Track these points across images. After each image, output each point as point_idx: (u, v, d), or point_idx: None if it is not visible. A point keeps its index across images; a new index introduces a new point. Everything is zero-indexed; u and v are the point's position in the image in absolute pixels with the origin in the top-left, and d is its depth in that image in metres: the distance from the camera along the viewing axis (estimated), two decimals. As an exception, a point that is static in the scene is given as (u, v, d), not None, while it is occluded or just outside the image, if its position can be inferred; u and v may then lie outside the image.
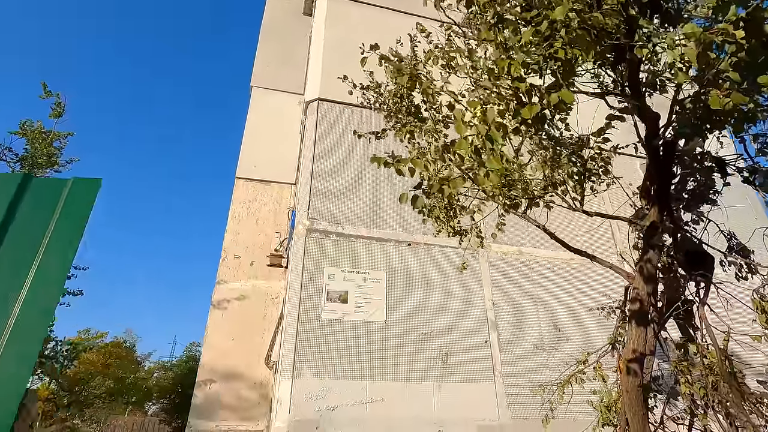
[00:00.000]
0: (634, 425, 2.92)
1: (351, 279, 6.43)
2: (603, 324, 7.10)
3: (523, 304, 7.10)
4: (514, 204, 2.69)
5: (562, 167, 2.55)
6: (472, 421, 5.89)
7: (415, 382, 5.93)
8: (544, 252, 7.80)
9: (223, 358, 8.43)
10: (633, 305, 2.80)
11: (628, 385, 2.89)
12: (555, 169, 2.58)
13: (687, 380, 2.90)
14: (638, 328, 2.82)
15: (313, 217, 6.74)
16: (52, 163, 8.39)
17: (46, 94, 8.77)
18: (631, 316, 2.84)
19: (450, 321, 6.55)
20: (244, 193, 10.27)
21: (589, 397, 4.20)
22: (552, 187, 2.67)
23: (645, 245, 2.70)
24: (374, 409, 5.63)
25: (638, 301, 2.80)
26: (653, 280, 2.78)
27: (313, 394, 5.51)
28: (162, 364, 39.15)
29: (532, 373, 6.45)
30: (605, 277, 7.84)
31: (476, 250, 7.36)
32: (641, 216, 2.83)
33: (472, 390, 6.10)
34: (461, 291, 6.88)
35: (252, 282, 9.29)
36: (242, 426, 7.99)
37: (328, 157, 7.40)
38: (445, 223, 3.63)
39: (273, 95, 11.79)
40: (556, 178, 2.64)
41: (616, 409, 3.21)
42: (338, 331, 5.98)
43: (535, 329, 6.90)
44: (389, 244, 6.91)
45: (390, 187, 7.41)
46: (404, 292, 6.57)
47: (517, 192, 2.64)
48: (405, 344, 6.17)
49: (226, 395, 8.16)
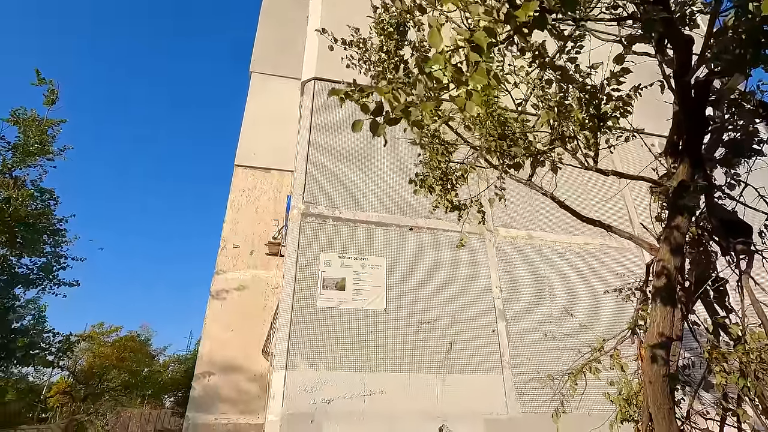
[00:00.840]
0: (659, 421, 2.50)
1: (348, 265, 6.07)
2: (621, 308, 6.62)
3: (534, 291, 6.66)
4: (515, 164, 2.28)
5: (571, 114, 2.12)
6: (478, 414, 5.51)
7: (417, 373, 5.57)
8: (556, 236, 7.32)
9: (222, 349, 8.19)
10: (658, 281, 2.37)
11: (651, 375, 2.47)
12: (563, 118, 2.16)
13: (722, 369, 2.47)
14: (664, 308, 2.39)
15: (308, 201, 6.39)
16: (45, 151, 8.19)
17: (39, 81, 8.56)
18: (656, 293, 2.41)
19: (454, 309, 6.16)
20: (243, 181, 9.98)
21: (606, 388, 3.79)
22: (560, 141, 2.25)
23: (672, 210, 2.27)
24: (373, 402, 5.29)
25: (664, 275, 2.37)
26: (681, 251, 2.35)
27: (308, 386, 5.19)
28: (176, 357, 39.58)
29: (544, 364, 6.03)
30: (622, 261, 7.35)
31: (482, 234, 6.93)
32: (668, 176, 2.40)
33: (478, 382, 5.72)
34: (467, 278, 6.47)
35: (251, 272, 9.01)
36: (242, 419, 7.75)
37: (325, 139, 7.03)
38: (441, 195, 3.23)
39: (273, 81, 11.44)
40: (564, 130, 2.23)
41: (637, 402, 2.79)
42: (335, 320, 5.64)
43: (546, 317, 6.47)
44: (389, 228, 6.53)
45: (390, 170, 7.02)
46: (405, 279, 6.19)
47: (518, 149, 2.23)
48: (406, 334, 5.80)
49: (225, 388, 7.92)
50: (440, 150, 2.60)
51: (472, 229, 6.84)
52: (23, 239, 8.30)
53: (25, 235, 8.14)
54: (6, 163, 7.85)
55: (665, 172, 2.49)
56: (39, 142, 8.08)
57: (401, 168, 6.99)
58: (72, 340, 9.24)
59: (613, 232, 2.60)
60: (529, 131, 2.31)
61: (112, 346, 29.37)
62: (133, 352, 30.68)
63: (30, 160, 7.98)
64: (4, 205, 7.55)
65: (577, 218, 2.61)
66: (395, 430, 5.17)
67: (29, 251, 8.61)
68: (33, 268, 9.05)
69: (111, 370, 29.38)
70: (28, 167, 8.02)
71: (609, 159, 8.49)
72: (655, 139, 8.29)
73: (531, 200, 7.49)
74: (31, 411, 28.11)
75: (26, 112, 8.31)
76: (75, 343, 9.41)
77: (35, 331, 8.91)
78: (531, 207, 7.45)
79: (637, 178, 2.39)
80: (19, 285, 8.83)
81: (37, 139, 8.04)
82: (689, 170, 2.13)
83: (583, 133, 2.19)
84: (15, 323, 8.70)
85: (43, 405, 29.45)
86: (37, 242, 8.58)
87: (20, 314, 8.96)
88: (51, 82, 8.58)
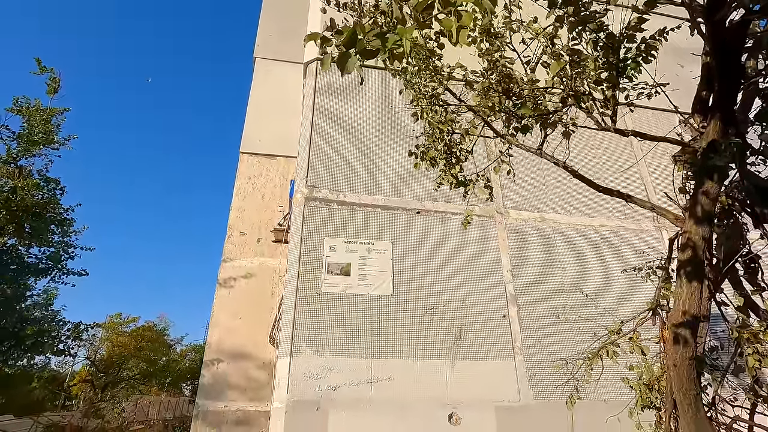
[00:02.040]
0: (684, 408, 2.28)
1: (354, 250, 5.90)
2: (637, 290, 6.36)
3: (547, 275, 6.41)
4: (523, 126, 2.04)
5: (586, 64, 1.87)
6: (489, 402, 5.34)
7: (425, 359, 5.41)
8: (570, 218, 7.04)
9: (231, 337, 8.14)
10: (683, 254, 2.13)
11: (676, 358, 2.24)
12: (577, 71, 1.91)
13: (755, 351, 2.23)
14: (690, 285, 2.15)
15: (312, 184, 6.22)
16: (50, 140, 8.15)
17: (41, 69, 8.49)
18: (681, 268, 2.18)
19: (464, 294, 5.96)
20: (249, 168, 9.84)
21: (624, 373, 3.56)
22: (573, 98, 2.00)
23: (700, 173, 2.02)
24: (381, 389, 5.15)
25: (690, 248, 2.13)
26: (710, 221, 2.10)
27: (314, 372, 5.08)
28: (193, 347, 40.34)
29: (557, 350, 5.81)
30: (639, 242, 7.03)
31: (492, 217, 6.69)
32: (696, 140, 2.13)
33: (488, 368, 5.53)
34: (476, 262, 6.25)
35: (259, 259, 8.92)
36: (251, 406, 7.71)
37: (328, 121, 6.82)
38: (445, 170, 3.01)
39: (277, 66, 11.21)
40: (577, 86, 1.98)
41: (659, 388, 2.57)
42: (340, 306, 5.50)
43: (559, 301, 6.23)
44: (396, 212, 6.32)
45: (396, 152, 6.79)
46: (413, 264, 6.00)
47: (526, 110, 1.99)
48: (414, 319, 5.63)
49: (234, 375, 7.88)
50: (442, 114, 2.37)
51: (482, 211, 6.60)
52: (31, 229, 8.36)
53: (33, 224, 8.18)
54: (11, 153, 7.87)
55: (692, 138, 2.22)
56: (43, 131, 8.04)
57: (406, 150, 6.75)
58: (81, 328, 9.35)
59: (633, 202, 2.35)
60: (539, 89, 2.06)
61: (130, 335, 29.97)
62: (150, 342, 31.28)
63: (34, 150, 7.95)
64: (11, 195, 7.58)
65: (593, 188, 2.36)
66: (404, 417, 5.04)
67: (37, 241, 8.67)
68: (42, 257, 9.16)
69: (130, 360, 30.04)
70: (32, 157, 8.04)
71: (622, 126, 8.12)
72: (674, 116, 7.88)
73: (544, 180, 7.21)
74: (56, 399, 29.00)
75: (29, 102, 8.28)
76: (84, 331, 9.49)
77: (45, 320, 9.02)
78: (543, 188, 7.17)
79: (662, 139, 2.13)
80: (29, 275, 8.93)
81: (41, 128, 8.00)
82: (720, 127, 1.87)
83: (600, 89, 1.93)
84: (26, 312, 8.81)
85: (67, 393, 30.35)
86: (44, 232, 8.63)
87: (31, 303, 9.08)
88: (52, 70, 8.51)
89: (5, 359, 8.59)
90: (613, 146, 7.80)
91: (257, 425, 7.67)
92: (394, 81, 7.55)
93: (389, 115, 7.09)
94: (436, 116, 2.41)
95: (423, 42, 1.97)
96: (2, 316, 8.31)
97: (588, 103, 2.04)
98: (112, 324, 29.50)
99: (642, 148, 7.73)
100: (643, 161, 7.52)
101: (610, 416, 3.76)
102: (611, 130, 2.06)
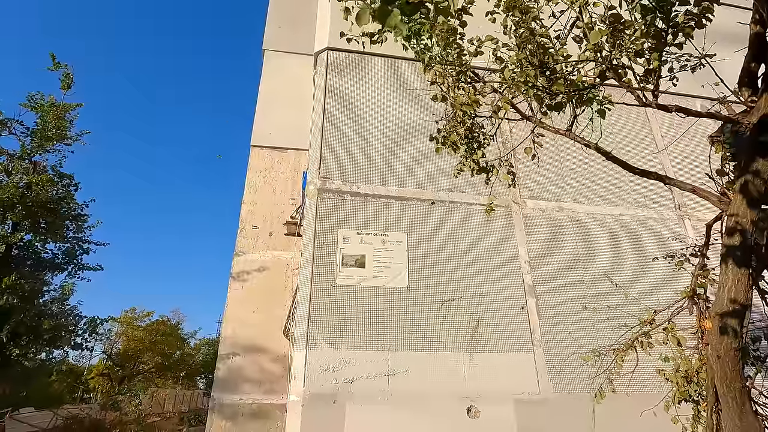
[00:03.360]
0: (728, 401, 2.15)
1: (368, 242, 5.81)
2: (662, 278, 6.18)
3: (566, 266, 6.26)
4: (555, 105, 1.91)
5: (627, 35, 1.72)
6: (508, 394, 5.24)
7: (442, 352, 5.32)
8: (588, 207, 6.86)
9: (245, 330, 8.14)
10: (730, 239, 1.99)
11: (720, 349, 2.11)
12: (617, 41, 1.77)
13: (807, 341, 2.09)
14: (738, 271, 2.02)
15: (324, 176, 6.13)
16: (63, 136, 8.17)
17: (55, 65, 8.50)
18: (727, 254, 2.04)
19: (480, 286, 5.84)
20: (260, 161, 9.78)
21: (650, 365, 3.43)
22: (612, 72, 1.86)
23: (750, 151, 1.88)
24: (398, 382, 5.08)
25: (738, 232, 1.99)
26: (760, 202, 1.96)
27: (330, 365, 5.02)
28: (207, 341, 40.89)
29: (578, 342, 5.68)
30: (662, 231, 6.83)
31: (509, 207, 6.54)
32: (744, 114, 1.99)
33: (507, 360, 5.43)
34: (493, 253, 6.13)
35: (271, 253, 8.89)
36: (266, 399, 7.72)
37: (340, 111, 6.71)
38: (466, 156, 2.89)
39: (287, 58, 11.10)
40: (617, 57, 1.84)
41: (698, 380, 2.44)
42: (355, 298, 5.42)
43: (579, 292, 6.08)
44: (410, 203, 6.21)
45: (409, 142, 6.66)
46: (428, 255, 5.89)
47: (559, 86, 1.86)
48: (430, 311, 5.54)
49: (249, 368, 7.89)
50: (468, 94, 2.25)
51: (498, 201, 6.46)
52: (46, 224, 8.43)
53: (48, 220, 8.25)
54: (25, 149, 7.92)
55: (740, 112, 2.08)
56: (56, 126, 8.06)
57: (420, 140, 6.63)
58: (97, 323, 9.45)
59: (672, 184, 2.21)
60: (573, 63, 1.92)
61: (145, 330, 30.45)
62: (165, 336, 31.75)
63: (48, 145, 7.98)
64: (26, 190, 7.65)
65: (628, 170, 2.23)
66: (422, 410, 4.97)
67: (53, 236, 8.75)
68: (57, 253, 9.25)
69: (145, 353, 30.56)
70: (46, 152, 8.09)
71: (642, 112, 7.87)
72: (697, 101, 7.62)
73: (561, 168, 7.04)
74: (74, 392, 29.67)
75: (43, 97, 8.30)
76: (99, 325, 9.60)
77: (62, 314, 9.14)
78: (561, 176, 7.00)
79: (707, 115, 1.98)
80: (46, 270, 9.04)
81: (54, 124, 8.01)
82: (775, 100, 1.73)
83: (644, 58, 1.78)
84: (43, 306, 8.93)
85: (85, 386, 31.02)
86: (59, 227, 8.71)
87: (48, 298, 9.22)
88: (66, 66, 8.51)
89: (25, 353, 8.73)
90: (629, 130, 7.58)
91: (273, 418, 7.68)
92: (406, 70, 7.41)
93: (401, 105, 6.97)
94: (460, 97, 2.29)
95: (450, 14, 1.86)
96: (21, 310, 8.44)
97: (626, 78, 1.90)
98: (127, 318, 30.00)
99: (663, 135, 7.49)
100: (664, 147, 7.28)
101: (644, 410, 3.63)
102: (653, 106, 1.92)
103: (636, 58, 1.79)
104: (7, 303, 8.00)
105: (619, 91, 2.28)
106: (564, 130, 2.41)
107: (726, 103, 2.68)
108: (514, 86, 1.90)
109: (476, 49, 2.15)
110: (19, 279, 8.20)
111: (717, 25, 3.14)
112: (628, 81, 1.89)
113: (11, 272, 8.22)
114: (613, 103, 2.14)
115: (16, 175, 8.08)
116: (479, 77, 2.44)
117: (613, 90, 2.46)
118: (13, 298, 8.06)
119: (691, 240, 6.07)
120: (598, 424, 5.19)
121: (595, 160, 6.84)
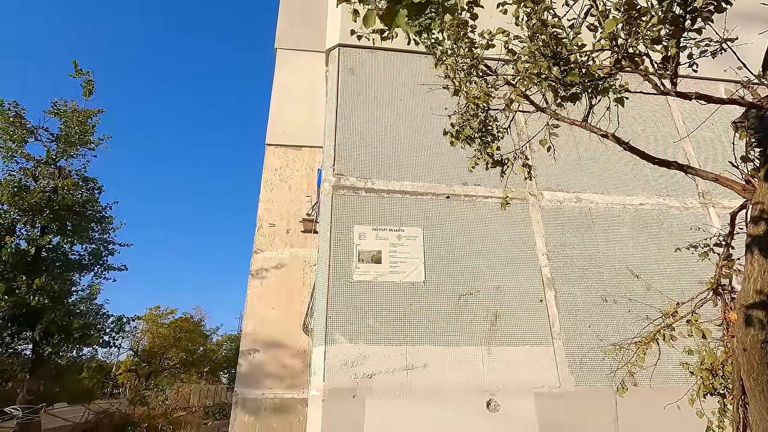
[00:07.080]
0: (756, 395, 2.10)
1: (384, 237, 5.83)
2: (685, 270, 6.03)
3: (585, 258, 6.16)
4: (570, 95, 1.88)
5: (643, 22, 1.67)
6: (527, 388, 5.20)
7: (460, 346, 5.31)
8: (607, 197, 6.72)
9: (265, 327, 8.30)
10: (756, 227, 1.93)
11: (746, 341, 2.06)
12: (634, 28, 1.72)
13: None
14: (764, 261, 1.96)
15: (339, 173, 6.16)
16: (86, 141, 8.41)
17: (77, 72, 8.73)
18: (753, 243, 1.98)
19: (498, 280, 5.80)
20: (275, 159, 9.90)
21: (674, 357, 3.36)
22: (629, 60, 1.82)
23: (776, 137, 1.81)
24: (416, 376, 5.11)
25: (763, 221, 1.93)
26: (787, 190, 1.89)
27: (349, 360, 5.07)
28: (228, 337, 41.72)
29: (599, 334, 5.60)
30: (685, 220, 6.65)
31: (525, 199, 6.46)
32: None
33: (526, 354, 5.39)
34: (510, 246, 6.07)
35: (289, 250, 9.01)
36: (288, 394, 7.87)
37: (353, 108, 6.72)
38: (481, 149, 2.87)
39: (299, 56, 11.15)
40: (634, 45, 1.79)
41: (724, 373, 2.39)
42: (372, 294, 5.46)
43: (598, 284, 5.98)
44: (425, 197, 6.20)
45: (423, 137, 6.63)
46: (444, 250, 5.88)
47: (574, 76, 1.83)
48: (447, 306, 5.53)
49: (270, 364, 8.04)
50: (480, 87, 2.22)
51: (515, 194, 6.39)
52: (72, 227, 8.74)
53: (74, 222, 8.55)
54: (50, 154, 8.22)
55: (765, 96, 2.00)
56: (79, 132, 8.30)
57: (434, 134, 6.59)
58: (123, 321, 9.79)
59: (693, 173, 2.15)
60: (587, 53, 1.88)
61: (169, 327, 31.27)
62: (188, 333, 32.56)
63: (72, 150, 8.24)
64: (52, 194, 7.94)
65: (646, 160, 2.18)
66: (441, 404, 4.98)
67: (79, 238, 9.08)
68: (84, 254, 9.58)
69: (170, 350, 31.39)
70: (71, 157, 8.38)
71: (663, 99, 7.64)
72: (720, 84, 7.37)
73: (579, 158, 6.91)
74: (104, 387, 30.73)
75: (66, 104, 8.55)
76: (126, 323, 9.94)
77: (90, 313, 9.50)
78: (578, 166, 6.87)
79: (729, 101, 1.91)
80: (74, 271, 9.39)
81: (77, 129, 8.25)
82: (802, 83, 1.67)
83: (662, 45, 1.73)
84: (72, 306, 9.30)
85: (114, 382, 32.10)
86: (85, 229, 9.03)
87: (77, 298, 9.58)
88: (88, 73, 8.74)
89: (57, 351, 9.12)
90: (650, 117, 7.38)
91: (294, 412, 7.82)
92: (418, 64, 7.37)
93: (414, 100, 6.93)
94: (473, 90, 2.27)
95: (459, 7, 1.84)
96: (51, 310, 8.82)
97: (644, 66, 1.85)
98: (151, 316, 30.86)
99: (685, 121, 7.27)
100: (686, 133, 7.07)
101: (668, 403, 3.57)
102: (672, 94, 1.86)
103: (653, 45, 1.75)
104: (39, 303, 8.36)
105: (637, 78, 2.22)
106: (579, 122, 2.36)
107: (750, 87, 2.58)
108: (527, 78, 1.87)
109: (488, 42, 2.13)
110: (49, 280, 8.55)
111: (738, 7, 3.03)
112: (645, 69, 1.84)
113: (41, 274, 8.58)
114: (630, 92, 2.09)
115: (43, 180, 8.40)
116: (492, 70, 2.42)
117: (631, 77, 2.41)
118: (44, 299, 8.42)
119: (716, 229, 5.88)
120: (620, 418, 5.12)
121: (614, 150, 6.70)
